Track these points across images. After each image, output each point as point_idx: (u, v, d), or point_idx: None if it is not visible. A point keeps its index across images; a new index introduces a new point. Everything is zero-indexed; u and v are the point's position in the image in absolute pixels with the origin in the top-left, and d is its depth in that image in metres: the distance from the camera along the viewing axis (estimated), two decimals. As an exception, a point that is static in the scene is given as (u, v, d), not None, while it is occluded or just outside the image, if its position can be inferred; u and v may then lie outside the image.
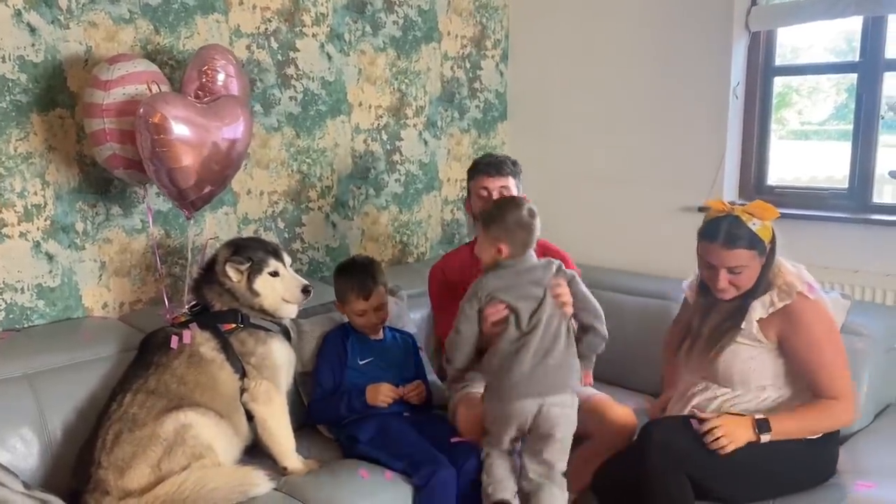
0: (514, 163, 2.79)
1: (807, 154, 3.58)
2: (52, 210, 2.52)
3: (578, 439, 2.38)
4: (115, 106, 2.29)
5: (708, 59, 3.30)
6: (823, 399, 2.13)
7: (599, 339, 2.23)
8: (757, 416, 2.10)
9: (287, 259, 2.43)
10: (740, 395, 2.21)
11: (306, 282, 2.41)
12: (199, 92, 2.41)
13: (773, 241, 2.19)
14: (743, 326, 2.19)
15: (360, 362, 2.61)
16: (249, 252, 2.37)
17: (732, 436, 2.06)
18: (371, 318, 2.60)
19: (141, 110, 2.21)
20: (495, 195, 2.67)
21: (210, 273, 2.38)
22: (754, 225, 2.15)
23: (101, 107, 2.28)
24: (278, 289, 2.37)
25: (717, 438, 2.05)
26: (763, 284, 2.18)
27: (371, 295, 2.58)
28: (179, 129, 2.24)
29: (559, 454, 2.19)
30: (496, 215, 2.27)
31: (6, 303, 2.47)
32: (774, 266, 2.20)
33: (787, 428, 2.10)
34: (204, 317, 2.34)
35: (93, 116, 2.31)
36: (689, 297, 2.49)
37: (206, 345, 2.28)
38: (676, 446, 2.05)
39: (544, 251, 2.58)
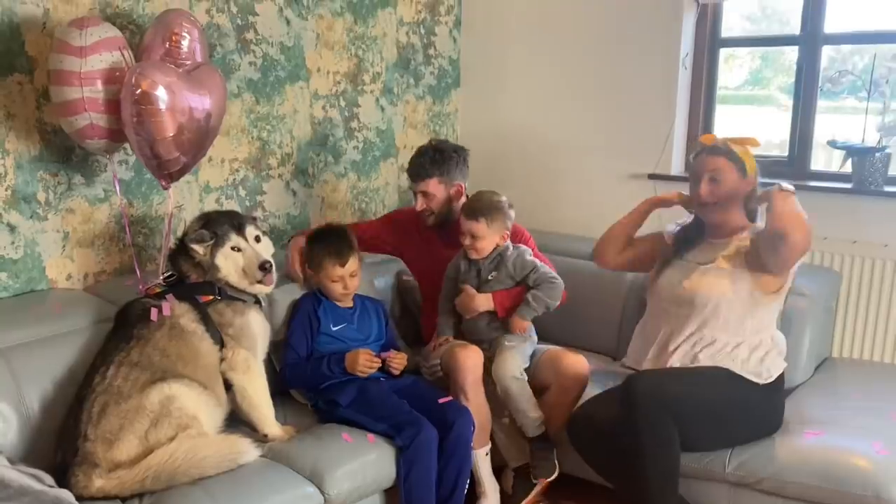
0: (438, 158, 2.82)
1: (731, 118, 3.72)
2: (12, 179, 2.44)
3: (540, 391, 2.64)
4: (94, 74, 2.22)
5: (659, 30, 3.41)
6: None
7: None
8: None
9: (253, 232, 2.41)
10: (731, 344, 2.41)
11: (266, 257, 2.38)
12: (167, 58, 2.36)
13: (756, 173, 2.49)
14: (757, 222, 2.49)
15: (334, 328, 2.64)
16: (216, 226, 2.36)
17: None
18: (346, 283, 2.64)
19: (133, 79, 2.16)
20: (419, 201, 2.83)
21: (184, 244, 2.36)
22: (736, 148, 2.47)
23: (79, 75, 2.20)
24: (240, 263, 2.37)
25: None
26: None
27: (348, 261, 2.62)
28: (168, 100, 2.21)
29: None
30: (499, 206, 2.65)
31: (-32, 276, 2.40)
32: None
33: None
34: (180, 288, 2.34)
35: (67, 84, 2.22)
36: (668, 239, 2.69)
37: (186, 316, 2.27)
38: (664, 396, 2.21)
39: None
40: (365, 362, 2.51)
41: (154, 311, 2.23)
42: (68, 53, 2.21)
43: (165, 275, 2.39)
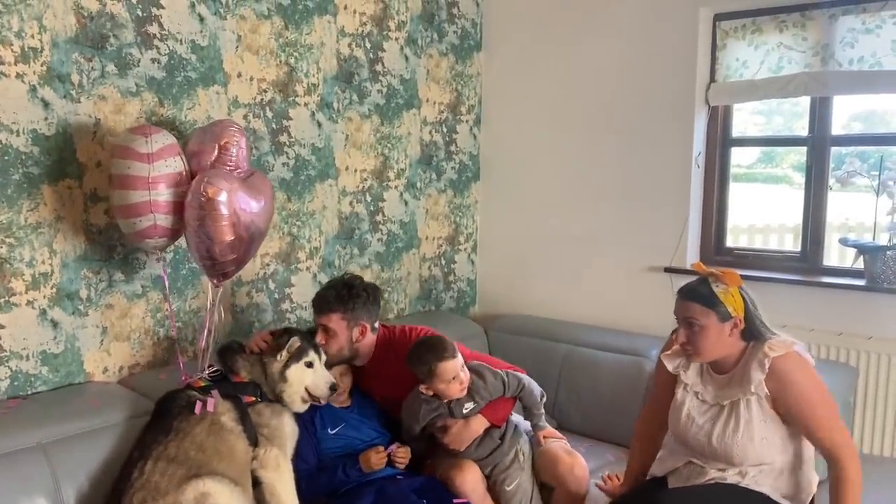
0: (345, 294, 2.68)
1: (744, 196, 3.73)
2: (58, 278, 2.56)
3: (549, 489, 2.70)
4: (160, 178, 2.37)
5: (672, 130, 3.55)
6: (838, 477, 2.13)
7: None
8: None
9: (323, 357, 2.55)
10: (744, 473, 2.25)
11: (334, 380, 2.53)
12: (217, 164, 2.50)
13: (747, 316, 2.21)
14: (753, 390, 2.18)
15: (331, 432, 2.67)
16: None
17: None
18: (340, 384, 2.66)
19: (202, 187, 2.32)
20: (319, 335, 2.66)
21: (238, 342, 2.48)
22: (717, 287, 2.21)
23: (148, 179, 2.35)
24: (306, 380, 2.48)
25: None
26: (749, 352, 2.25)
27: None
28: (231, 205, 2.38)
29: None
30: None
31: (11, 370, 2.49)
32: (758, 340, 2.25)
33: None
34: (225, 386, 2.43)
35: (134, 189, 2.36)
36: (668, 365, 2.40)
37: (227, 415, 2.35)
38: None
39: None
40: (377, 459, 2.57)
41: (199, 405, 2.30)
42: (135, 159, 2.36)
43: (211, 370, 2.49)
